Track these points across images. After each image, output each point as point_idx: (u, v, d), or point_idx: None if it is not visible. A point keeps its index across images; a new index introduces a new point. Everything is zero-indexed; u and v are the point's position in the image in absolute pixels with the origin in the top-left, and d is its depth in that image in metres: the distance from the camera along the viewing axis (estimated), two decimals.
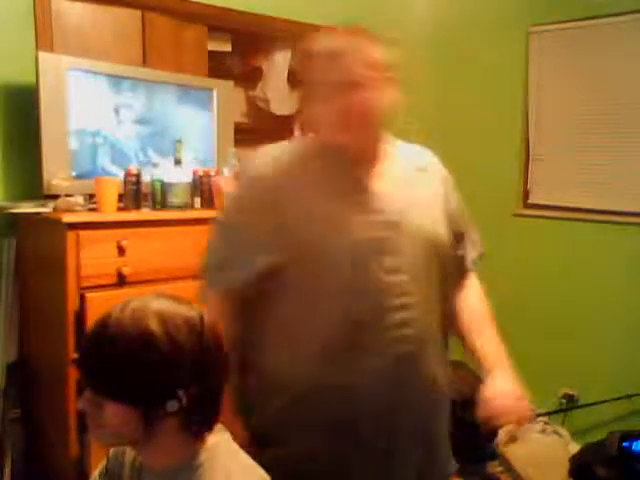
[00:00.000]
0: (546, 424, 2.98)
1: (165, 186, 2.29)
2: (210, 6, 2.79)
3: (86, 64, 2.28)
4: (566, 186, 3.18)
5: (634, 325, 2.88)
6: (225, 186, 2.27)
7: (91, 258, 2.00)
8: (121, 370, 0.96)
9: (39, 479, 2.28)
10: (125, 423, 0.98)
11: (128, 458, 1.12)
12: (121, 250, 2.06)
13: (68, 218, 1.97)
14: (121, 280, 2.06)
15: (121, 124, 2.40)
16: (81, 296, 1.98)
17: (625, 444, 2.43)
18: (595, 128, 3.06)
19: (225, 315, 1.28)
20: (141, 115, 2.45)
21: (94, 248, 2.01)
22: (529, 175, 3.32)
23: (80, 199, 2.09)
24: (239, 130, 2.76)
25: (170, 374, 0.98)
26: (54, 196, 2.11)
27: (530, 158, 3.31)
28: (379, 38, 1.29)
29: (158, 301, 1.02)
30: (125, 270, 2.06)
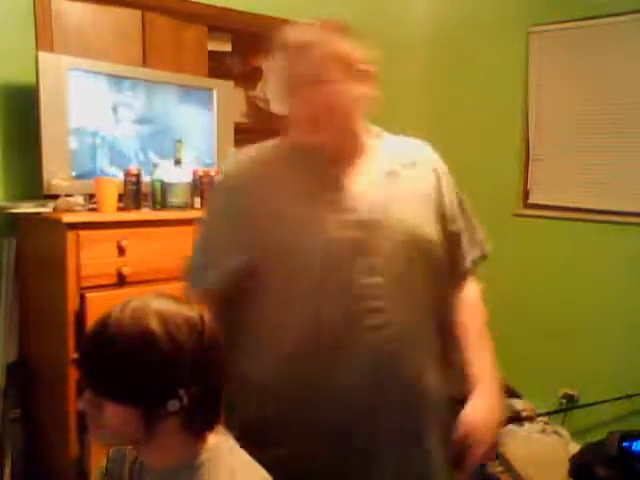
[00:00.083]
0: (546, 424, 2.97)
1: (165, 186, 2.29)
2: (210, 6, 2.79)
3: (86, 64, 2.29)
4: (566, 186, 3.18)
5: (634, 325, 2.88)
6: None
7: (91, 258, 2.00)
8: (121, 370, 0.96)
9: (39, 479, 2.28)
10: (125, 423, 0.98)
11: (128, 458, 1.12)
12: (121, 250, 2.07)
13: (68, 218, 1.98)
14: (121, 280, 2.07)
15: (121, 124, 2.40)
16: (81, 296, 1.98)
17: (625, 444, 2.43)
18: (595, 128, 3.06)
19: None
20: (141, 115, 2.45)
21: (94, 248, 2.01)
22: (529, 175, 3.32)
23: (80, 199, 2.09)
24: (239, 130, 2.75)
25: (171, 374, 0.97)
26: (54, 196, 2.11)
27: (530, 158, 3.31)
28: (353, 32, 1.26)
29: (158, 301, 1.02)
30: (125, 270, 2.06)
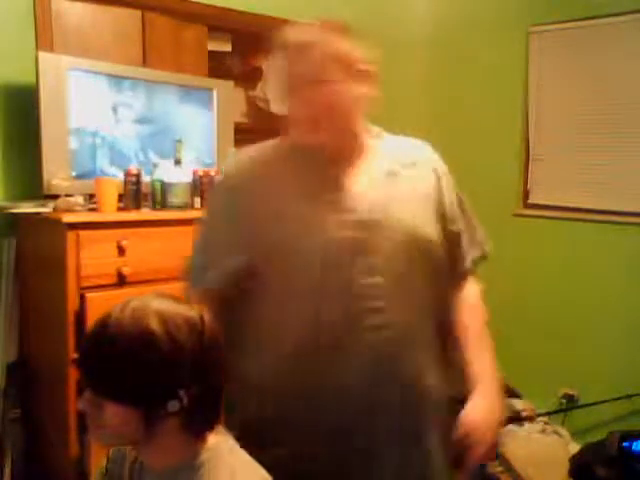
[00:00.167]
0: (546, 424, 2.97)
1: (165, 186, 2.29)
2: (210, 6, 2.79)
3: (86, 64, 2.29)
4: (566, 186, 3.18)
5: (634, 325, 2.88)
6: None
7: (91, 258, 2.00)
8: (121, 370, 0.96)
9: (39, 479, 2.28)
10: (126, 423, 0.98)
11: (128, 458, 1.12)
12: (121, 250, 2.06)
13: (68, 218, 1.98)
14: (121, 280, 2.07)
15: (121, 124, 2.40)
16: (81, 296, 1.98)
17: (625, 444, 2.43)
18: (595, 128, 3.06)
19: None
20: (141, 115, 2.45)
21: (94, 248, 2.01)
22: (529, 175, 3.32)
23: (80, 199, 2.09)
24: (239, 130, 2.75)
25: (171, 374, 0.97)
26: (54, 196, 2.11)
27: (530, 158, 3.31)
28: (353, 32, 1.25)
29: (158, 301, 1.02)
30: (125, 270, 2.06)
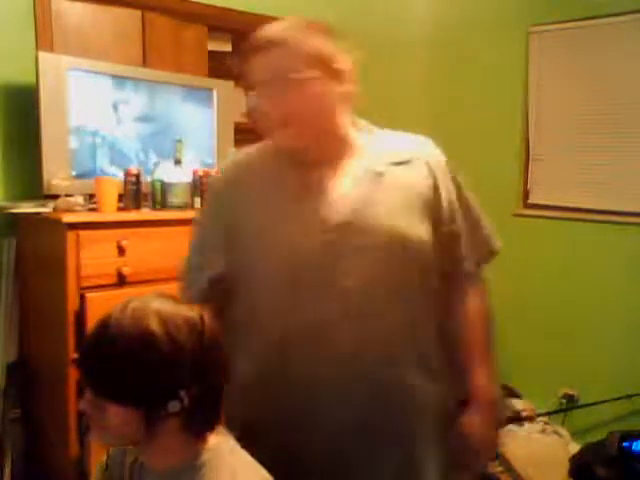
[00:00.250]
0: (546, 424, 2.97)
1: (165, 186, 2.29)
2: (210, 6, 2.79)
3: (86, 64, 2.28)
4: (566, 186, 3.18)
5: (634, 325, 2.88)
6: None
7: (91, 258, 2.00)
8: (122, 370, 0.96)
9: (39, 479, 2.28)
10: (126, 424, 0.98)
11: (129, 458, 1.12)
12: (121, 250, 2.06)
13: (68, 218, 1.97)
14: (121, 280, 2.06)
15: (121, 124, 2.40)
16: (81, 296, 1.98)
17: (625, 444, 2.43)
18: (595, 128, 3.06)
19: None
20: (141, 115, 2.45)
21: (94, 248, 2.01)
22: (529, 175, 3.32)
23: (80, 199, 2.09)
24: (239, 130, 2.75)
25: (171, 374, 0.97)
26: (54, 196, 2.11)
27: (530, 158, 3.31)
28: (335, 32, 1.23)
29: (158, 301, 1.02)
30: (125, 270, 2.06)
